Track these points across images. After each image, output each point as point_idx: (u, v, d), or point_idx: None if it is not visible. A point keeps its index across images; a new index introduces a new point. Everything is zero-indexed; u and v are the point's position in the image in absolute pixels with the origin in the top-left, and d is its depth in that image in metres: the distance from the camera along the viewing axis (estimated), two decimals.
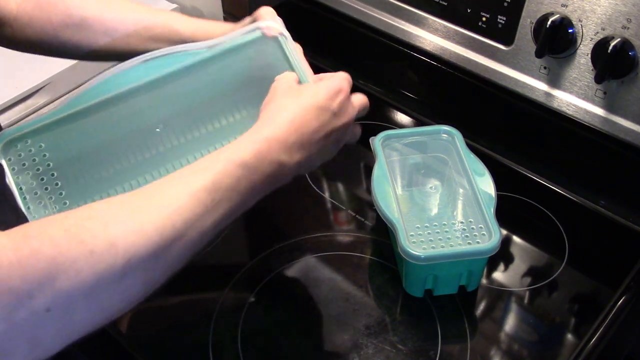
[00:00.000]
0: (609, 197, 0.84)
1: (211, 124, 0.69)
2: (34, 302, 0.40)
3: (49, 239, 0.42)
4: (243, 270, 0.78)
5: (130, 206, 0.49)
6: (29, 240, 0.41)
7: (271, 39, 0.69)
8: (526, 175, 0.89)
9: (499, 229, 0.70)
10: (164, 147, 0.68)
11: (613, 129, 0.77)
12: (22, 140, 0.65)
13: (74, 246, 0.43)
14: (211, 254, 0.78)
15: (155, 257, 0.47)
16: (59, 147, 0.66)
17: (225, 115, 0.69)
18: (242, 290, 0.76)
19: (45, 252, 0.41)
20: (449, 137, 0.82)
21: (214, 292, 0.76)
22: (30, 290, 0.40)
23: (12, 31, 0.70)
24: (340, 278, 0.77)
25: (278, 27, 0.69)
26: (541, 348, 0.71)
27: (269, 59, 0.69)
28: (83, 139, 0.67)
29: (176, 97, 0.69)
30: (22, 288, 0.40)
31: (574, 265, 0.79)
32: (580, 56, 0.76)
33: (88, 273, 0.43)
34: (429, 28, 0.91)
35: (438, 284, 0.73)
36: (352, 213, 0.85)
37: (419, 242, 0.73)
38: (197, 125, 0.68)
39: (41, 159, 0.65)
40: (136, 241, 0.46)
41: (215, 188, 0.52)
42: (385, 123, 0.93)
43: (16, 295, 0.39)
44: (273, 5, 0.74)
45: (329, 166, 0.92)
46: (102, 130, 0.67)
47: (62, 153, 0.66)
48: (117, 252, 0.44)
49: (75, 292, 0.42)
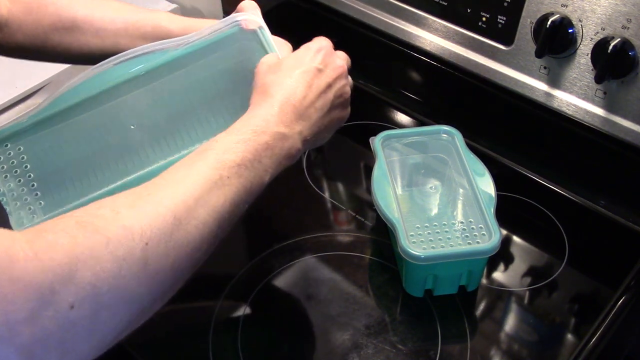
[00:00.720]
0: (609, 197, 0.84)
1: (193, 127, 0.67)
2: (56, 297, 0.38)
3: (63, 231, 0.41)
4: (243, 270, 0.78)
5: (139, 193, 0.48)
6: (43, 234, 0.40)
7: (250, 32, 0.68)
8: (526, 175, 0.89)
9: (499, 229, 0.70)
10: (145, 153, 0.66)
11: (613, 129, 0.77)
12: (1, 144, 0.64)
13: (89, 235, 0.42)
14: (211, 254, 0.78)
15: (173, 240, 0.46)
16: (38, 152, 0.65)
17: (208, 117, 0.67)
18: (242, 290, 0.76)
19: (61, 243, 0.40)
20: (449, 137, 0.82)
21: (214, 292, 0.76)
22: (52, 284, 0.38)
23: (3, 36, 0.69)
24: (340, 278, 0.77)
25: (257, 19, 0.68)
26: (541, 348, 0.71)
27: (248, 53, 0.67)
28: (62, 143, 0.65)
29: (156, 99, 0.67)
30: (43, 282, 0.38)
31: (574, 265, 0.79)
32: (580, 56, 0.76)
33: (108, 260, 0.41)
34: (429, 28, 0.91)
35: (438, 284, 0.73)
36: (352, 213, 0.85)
37: (419, 242, 0.73)
38: (178, 129, 0.67)
39: (19, 162, 0.64)
40: (151, 223, 0.45)
41: (219, 165, 0.51)
42: (385, 123, 0.93)
43: (37, 290, 0.38)
44: (273, 6, 0.74)
45: (329, 166, 0.92)
46: (80, 133, 0.66)
47: (41, 158, 0.65)
48: (134, 236, 0.43)
49: (98, 283, 0.41)
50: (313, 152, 0.94)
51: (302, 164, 0.91)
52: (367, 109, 1.02)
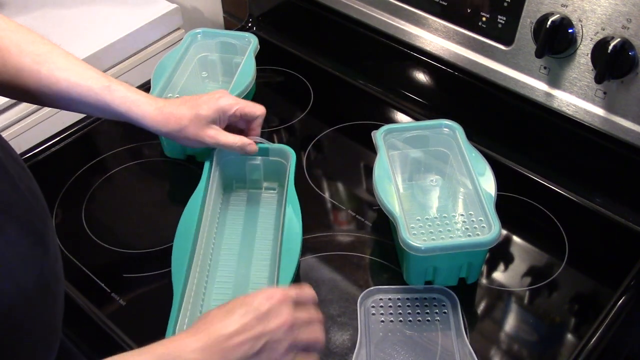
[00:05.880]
0: (609, 197, 0.84)
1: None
2: None
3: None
4: None
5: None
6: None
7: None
8: (526, 175, 0.89)
9: (499, 221, 0.70)
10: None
11: (613, 129, 0.77)
12: None
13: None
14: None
15: None
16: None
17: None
18: None
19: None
20: (450, 132, 0.82)
21: None
22: None
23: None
24: (340, 278, 0.77)
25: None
26: (541, 348, 0.71)
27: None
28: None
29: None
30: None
31: (574, 265, 0.79)
32: (580, 56, 0.76)
33: None
34: (429, 28, 0.91)
35: (438, 276, 0.73)
36: (352, 213, 0.85)
37: (419, 234, 0.73)
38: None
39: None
40: None
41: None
42: (385, 123, 0.92)
43: None
44: (273, 6, 0.74)
45: (329, 166, 0.93)
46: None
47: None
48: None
49: None
50: (313, 152, 0.94)
51: (302, 164, 0.91)
52: (367, 109, 1.02)
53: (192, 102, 0.77)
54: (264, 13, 1.17)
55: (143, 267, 0.78)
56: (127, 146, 0.95)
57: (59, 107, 0.74)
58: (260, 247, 0.78)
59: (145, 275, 0.77)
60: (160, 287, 0.75)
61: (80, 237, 0.82)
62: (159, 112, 0.74)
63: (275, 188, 0.86)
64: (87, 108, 0.74)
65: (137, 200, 0.88)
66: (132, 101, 0.74)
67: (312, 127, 0.98)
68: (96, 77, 0.73)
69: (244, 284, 0.74)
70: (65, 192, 0.88)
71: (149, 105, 0.74)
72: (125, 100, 0.73)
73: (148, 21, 1.19)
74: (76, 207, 0.86)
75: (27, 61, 0.69)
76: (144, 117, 0.74)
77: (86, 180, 0.90)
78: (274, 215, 0.82)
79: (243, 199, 0.85)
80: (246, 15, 1.18)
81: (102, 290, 0.75)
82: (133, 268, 0.78)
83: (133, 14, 1.21)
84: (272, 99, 0.81)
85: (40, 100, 0.72)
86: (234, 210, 0.83)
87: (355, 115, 1.00)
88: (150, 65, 1.13)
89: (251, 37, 0.98)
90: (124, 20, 1.20)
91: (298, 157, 0.91)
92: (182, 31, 1.25)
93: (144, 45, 1.21)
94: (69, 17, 1.22)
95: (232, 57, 0.99)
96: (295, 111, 1.01)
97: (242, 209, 0.83)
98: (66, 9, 1.24)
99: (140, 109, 0.74)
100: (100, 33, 1.17)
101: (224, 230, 0.80)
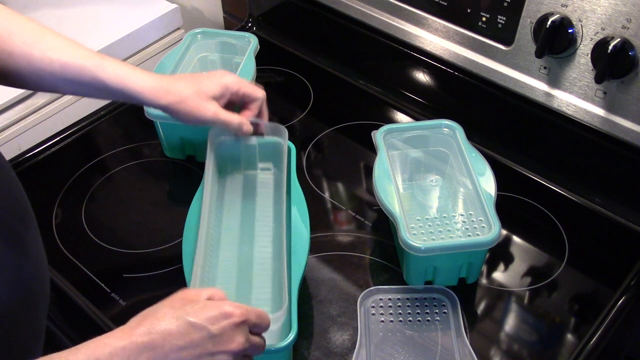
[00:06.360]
0: (609, 197, 0.84)
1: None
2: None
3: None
4: None
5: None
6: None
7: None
8: (526, 175, 0.89)
9: (499, 221, 0.70)
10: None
11: (613, 129, 0.77)
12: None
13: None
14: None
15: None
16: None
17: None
18: None
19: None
20: (450, 132, 0.82)
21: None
22: None
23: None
24: (340, 278, 0.77)
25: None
26: (541, 348, 0.71)
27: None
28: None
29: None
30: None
31: (574, 265, 0.79)
32: (580, 56, 0.76)
33: None
34: (429, 28, 0.91)
35: (438, 276, 0.73)
36: (352, 213, 0.85)
37: (419, 234, 0.73)
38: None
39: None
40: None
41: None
42: (385, 123, 0.92)
43: None
44: (273, 6, 0.74)
45: (329, 166, 0.92)
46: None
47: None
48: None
49: None
50: (313, 152, 0.94)
51: (302, 164, 0.91)
52: (367, 109, 1.02)
53: (192, 77, 0.76)
54: (264, 13, 1.17)
55: (143, 267, 0.78)
56: (127, 146, 0.95)
57: (53, 90, 0.72)
58: (261, 227, 0.78)
59: (145, 275, 0.77)
60: (160, 287, 0.75)
61: (80, 237, 0.82)
62: (157, 84, 0.72)
63: (270, 168, 0.85)
64: (81, 87, 0.71)
65: (137, 200, 0.88)
66: (127, 75, 0.71)
67: (312, 127, 0.98)
68: (90, 55, 0.70)
69: (247, 263, 0.74)
70: (65, 192, 0.88)
71: (147, 79, 0.72)
72: (121, 75, 0.71)
73: (148, 21, 1.19)
74: (76, 207, 0.86)
75: (18, 44, 0.67)
76: (141, 90, 0.71)
77: (86, 180, 0.90)
78: (271, 196, 0.82)
79: (239, 180, 0.84)
80: (246, 15, 1.18)
81: (102, 290, 0.75)
82: (133, 268, 0.78)
83: (133, 14, 1.21)
84: (272, 99, 0.81)
85: (34, 84, 0.70)
86: (231, 193, 0.83)
87: (355, 115, 1.00)
88: (150, 65, 1.13)
89: (251, 37, 0.98)
90: (124, 20, 1.20)
91: (298, 157, 0.91)
92: (182, 31, 1.25)
93: (144, 45, 1.21)
94: (69, 17, 1.22)
95: (232, 57, 0.99)
96: (295, 111, 1.01)
97: (239, 191, 0.83)
98: (66, 9, 1.24)
99: (138, 83, 0.71)
100: (100, 33, 1.17)
101: (222, 213, 0.80)
